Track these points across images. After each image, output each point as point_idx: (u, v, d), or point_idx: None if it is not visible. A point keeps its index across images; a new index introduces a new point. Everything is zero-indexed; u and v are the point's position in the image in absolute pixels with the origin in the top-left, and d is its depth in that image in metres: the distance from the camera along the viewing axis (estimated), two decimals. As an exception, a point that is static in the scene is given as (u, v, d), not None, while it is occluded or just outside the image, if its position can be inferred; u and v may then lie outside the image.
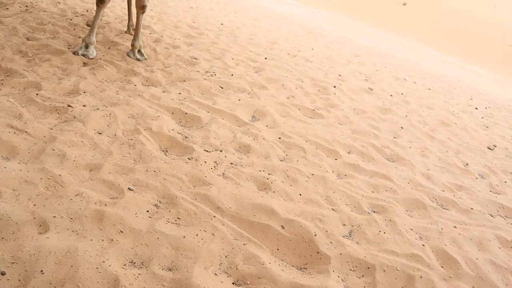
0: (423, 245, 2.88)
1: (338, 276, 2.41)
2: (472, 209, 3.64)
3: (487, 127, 6.73)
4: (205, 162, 3.15)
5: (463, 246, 3.02)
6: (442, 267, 2.74)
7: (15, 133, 2.88)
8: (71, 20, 5.89)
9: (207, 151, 3.33)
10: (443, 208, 3.56)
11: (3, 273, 1.86)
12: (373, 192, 3.48)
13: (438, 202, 3.65)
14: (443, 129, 5.88)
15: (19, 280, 1.86)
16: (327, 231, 2.73)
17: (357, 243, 2.75)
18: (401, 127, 5.35)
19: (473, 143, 5.59)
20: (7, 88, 3.49)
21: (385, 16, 22.82)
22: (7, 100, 3.28)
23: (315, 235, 2.64)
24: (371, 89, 6.81)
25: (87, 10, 6.67)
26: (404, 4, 28.61)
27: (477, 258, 2.92)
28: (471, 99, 8.81)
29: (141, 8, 4.99)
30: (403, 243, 2.85)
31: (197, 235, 2.36)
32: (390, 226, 3.01)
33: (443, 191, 3.86)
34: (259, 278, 2.21)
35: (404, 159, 4.30)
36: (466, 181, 4.24)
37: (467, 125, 6.40)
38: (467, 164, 4.72)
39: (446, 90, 9.00)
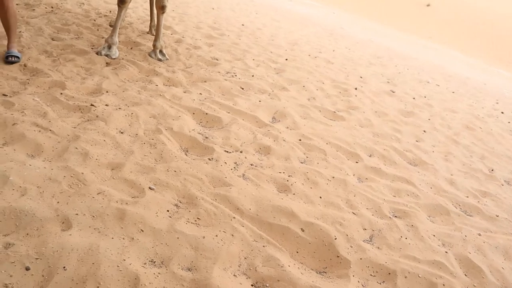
0: (446, 252, 2.82)
1: (358, 281, 2.37)
2: (497, 216, 3.54)
3: (513, 132, 6.56)
4: (225, 163, 3.14)
5: (488, 255, 2.94)
6: (465, 275, 2.68)
7: (40, 131, 2.93)
8: (94, 20, 5.98)
9: (227, 151, 3.33)
10: (467, 215, 3.47)
11: (27, 268, 1.89)
12: (394, 196, 3.42)
13: (461, 208, 3.57)
14: (468, 133, 5.75)
15: (43, 276, 1.88)
16: (347, 235, 2.69)
17: (378, 248, 2.70)
18: (424, 131, 5.26)
19: (499, 149, 5.46)
20: (32, 87, 3.56)
21: (408, 17, 22.52)
22: (33, 99, 3.34)
23: (335, 238, 2.60)
24: (393, 92, 6.72)
25: (110, 11, 6.76)
26: (428, 5, 28.21)
27: (503, 267, 2.83)
28: (497, 103, 8.60)
29: (161, 8, 5.03)
30: (425, 250, 2.79)
31: (216, 235, 2.36)
32: (411, 231, 2.95)
33: (467, 197, 3.77)
34: (278, 280, 2.19)
35: (427, 164, 4.22)
36: (491, 187, 4.13)
37: (492, 130, 6.25)
38: (492, 170, 4.61)
39: (471, 93, 8.82)
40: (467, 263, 2.78)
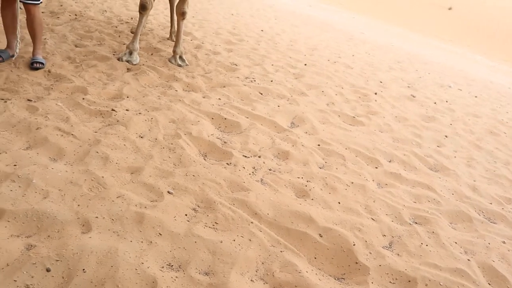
0: (468, 260, 2.75)
1: (378, 288, 2.33)
2: (522, 223, 3.45)
3: (539, 137, 6.38)
4: (244, 167, 3.15)
5: (512, 263, 2.86)
6: (489, 284, 2.61)
7: (62, 135, 2.99)
8: (116, 27, 6.09)
9: (245, 156, 3.34)
10: (491, 222, 3.39)
11: (48, 270, 1.93)
12: (415, 202, 3.37)
13: (485, 215, 3.48)
14: (491, 138, 5.62)
15: (63, 277, 1.91)
16: (366, 241, 2.65)
17: (398, 255, 2.66)
18: (446, 136, 5.17)
19: (523, 154, 5.32)
20: (56, 93, 3.64)
21: (430, 21, 22.24)
22: (56, 104, 3.41)
23: (354, 244, 2.57)
24: (414, 96, 6.63)
25: (132, 18, 6.88)
26: (450, 8, 27.81)
27: (528, 276, 2.75)
28: (522, 107, 8.40)
29: (181, 14, 5.09)
30: (447, 257, 2.73)
31: (234, 240, 2.36)
32: (432, 238, 2.90)
33: (491, 203, 3.68)
34: (295, 286, 2.17)
35: (449, 169, 4.14)
36: (516, 194, 4.03)
37: (517, 135, 6.10)
38: (517, 176, 4.49)
39: (494, 97, 8.63)
40: (491, 272, 2.70)
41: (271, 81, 5.41)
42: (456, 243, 2.93)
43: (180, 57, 5.20)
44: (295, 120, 4.38)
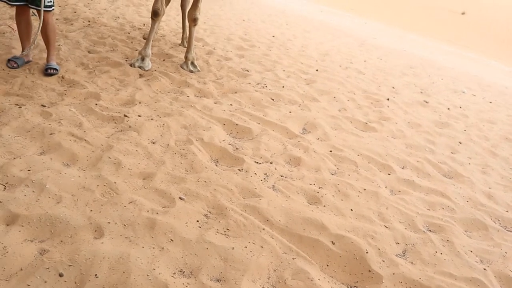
0: (484, 269, 2.70)
1: (391, 297, 2.30)
2: (539, 232, 3.38)
3: (556, 144, 6.27)
4: (255, 174, 3.14)
5: (529, 273, 2.80)
6: (505, 293, 2.55)
7: (75, 141, 3.02)
8: (129, 33, 6.15)
9: (257, 162, 3.33)
10: (507, 230, 3.32)
11: (61, 275, 1.93)
12: (428, 210, 3.32)
13: (501, 223, 3.42)
14: (507, 145, 5.54)
15: (75, 283, 1.92)
16: (379, 249, 2.62)
17: (411, 263, 2.61)
18: (460, 142, 5.10)
19: (540, 161, 5.22)
20: (69, 98, 3.68)
21: (443, 26, 22.07)
22: (69, 110, 3.45)
23: (367, 252, 2.54)
24: (427, 102, 6.56)
25: (144, 24, 6.94)
26: (463, 13, 27.58)
27: (545, 286, 2.69)
28: (538, 113, 8.26)
29: (193, 20, 5.12)
30: (462, 266, 2.68)
31: (246, 247, 2.34)
32: (447, 246, 2.85)
33: (507, 211, 3.62)
34: (308, 294, 2.15)
35: (463, 176, 4.08)
36: (532, 201, 3.95)
37: (533, 142, 5.99)
38: (533, 183, 4.41)
39: (510, 103, 8.50)
40: (508, 282, 2.65)
41: (283, 86, 5.41)
42: (471, 251, 2.88)
43: (192, 63, 5.22)
44: (307, 126, 4.36)
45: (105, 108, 3.65)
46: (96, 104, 3.66)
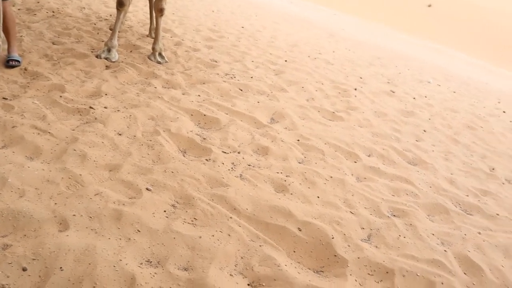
0: (445, 250, 2.81)
1: (356, 280, 2.36)
2: (498, 215, 3.53)
3: (515, 131, 6.54)
4: (223, 163, 3.15)
5: (487, 253, 2.92)
6: (465, 273, 2.66)
7: (39, 133, 2.95)
8: (95, 24, 6.02)
9: (225, 152, 3.34)
10: (467, 214, 3.46)
11: (24, 269, 1.90)
12: (393, 195, 3.42)
13: (461, 207, 3.55)
14: (469, 132, 5.74)
15: (39, 276, 1.90)
16: (345, 234, 2.69)
17: (376, 247, 2.70)
18: (424, 131, 5.25)
19: (500, 148, 5.44)
20: (32, 91, 3.59)
21: (410, 18, 22.50)
22: (32, 102, 3.36)
23: (333, 238, 2.60)
24: (393, 92, 6.71)
25: (111, 15, 6.80)
26: (429, 5, 28.18)
27: (502, 266, 2.82)
28: (499, 102, 8.58)
29: (159, 11, 5.06)
30: (424, 248, 2.78)
31: (213, 235, 2.36)
32: (410, 230, 2.95)
33: (467, 196, 3.76)
34: (274, 280, 2.19)
35: (427, 163, 4.21)
36: (492, 186, 4.12)
37: (494, 129, 6.23)
38: (493, 169, 4.60)
39: (472, 93, 8.80)
40: (467, 262, 2.76)
41: (251, 77, 5.42)
42: (433, 234, 2.99)
43: (160, 54, 5.16)
44: (275, 116, 4.39)
45: (70, 100, 3.57)
46: (60, 96, 3.58)
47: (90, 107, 3.49)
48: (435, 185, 3.78)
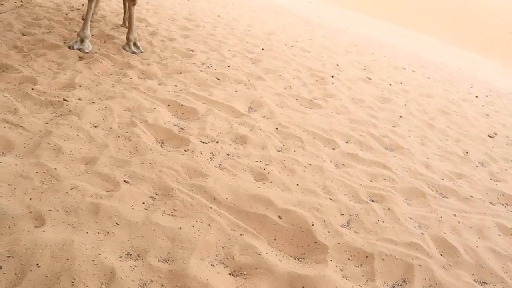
0: (422, 233, 2.87)
1: (336, 266, 2.40)
2: (472, 197, 3.62)
3: (488, 115, 6.69)
4: (201, 153, 3.13)
5: (462, 234, 3.00)
6: (441, 255, 2.73)
7: (10, 128, 2.87)
8: (66, 14, 5.86)
9: (203, 142, 3.32)
10: (443, 197, 3.54)
11: (-1, 267, 1.86)
12: (371, 181, 3.46)
13: (437, 190, 3.63)
14: (443, 117, 5.84)
15: (15, 274, 1.86)
16: (324, 221, 2.71)
17: (355, 232, 2.73)
18: (400, 116, 5.32)
19: (473, 131, 5.56)
20: (2, 84, 3.48)
21: (384, 5, 22.67)
22: (3, 95, 3.26)
23: (313, 225, 2.62)
24: (370, 79, 6.77)
25: (83, 4, 6.63)
26: (403, -7, 28.38)
27: (477, 246, 2.90)
28: (472, 87, 8.75)
29: (131, 0, 4.95)
30: (402, 232, 2.83)
31: (193, 226, 2.35)
32: (388, 215, 3.00)
33: (443, 179, 3.84)
34: (256, 268, 2.20)
35: (403, 148, 4.28)
36: (466, 169, 4.22)
37: (467, 113, 6.36)
38: (467, 152, 4.70)
39: (446, 78, 8.94)
40: (443, 243, 2.83)
41: (228, 66, 5.38)
42: (410, 218, 3.04)
43: (134, 44, 5.07)
44: (253, 104, 4.38)
45: (42, 92, 3.48)
46: (32, 89, 3.48)
47: (64, 100, 3.41)
48: (411, 169, 3.85)
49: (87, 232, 2.14)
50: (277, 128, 3.91)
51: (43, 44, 4.51)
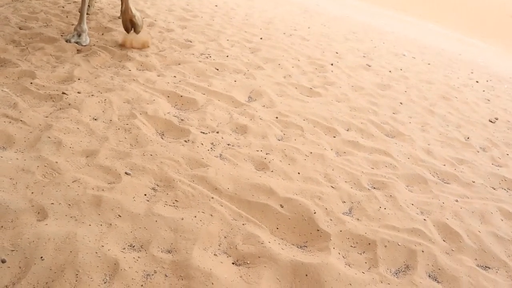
0: (424, 219, 2.87)
1: (339, 253, 2.40)
2: (474, 182, 3.62)
3: (489, 100, 6.67)
4: (202, 144, 3.13)
5: (465, 220, 3.01)
6: (444, 240, 2.74)
7: (10, 122, 2.87)
8: (63, 7, 5.82)
9: (203, 133, 3.31)
10: (444, 182, 3.54)
11: (3, 261, 1.87)
12: (372, 168, 3.46)
13: (439, 176, 3.63)
14: (444, 103, 5.82)
15: (20, 267, 1.86)
16: (326, 209, 2.72)
17: (358, 219, 2.74)
18: (401, 103, 5.30)
19: (474, 117, 5.55)
20: (1, 78, 3.47)
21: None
22: (1, 90, 3.25)
23: (315, 213, 2.63)
24: (369, 66, 6.74)
25: (79, -3, 6.58)
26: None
27: (479, 231, 2.91)
28: (472, 72, 8.71)
29: None
30: (404, 218, 2.84)
31: (195, 216, 2.36)
32: (390, 201, 3.00)
33: (444, 165, 3.84)
34: (259, 257, 2.20)
35: (404, 135, 4.27)
36: (467, 154, 4.21)
37: (468, 99, 6.34)
38: (468, 138, 4.69)
39: (446, 64, 8.90)
40: (445, 229, 2.84)
41: (227, 56, 5.35)
42: (412, 204, 3.05)
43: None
44: (252, 94, 4.36)
45: (41, 86, 3.47)
46: (31, 83, 3.47)
47: (63, 93, 3.40)
48: (413, 156, 3.84)
49: (90, 225, 2.15)
50: (277, 117, 3.90)
51: (40, 38, 4.48)
